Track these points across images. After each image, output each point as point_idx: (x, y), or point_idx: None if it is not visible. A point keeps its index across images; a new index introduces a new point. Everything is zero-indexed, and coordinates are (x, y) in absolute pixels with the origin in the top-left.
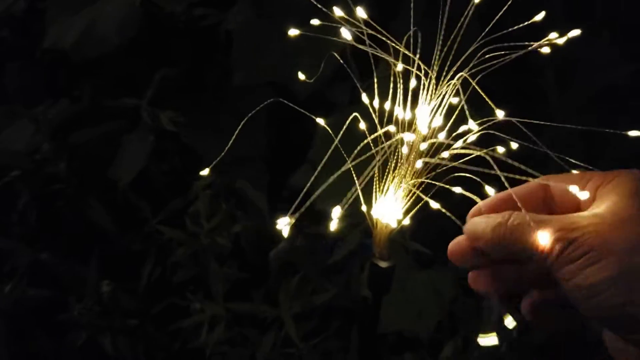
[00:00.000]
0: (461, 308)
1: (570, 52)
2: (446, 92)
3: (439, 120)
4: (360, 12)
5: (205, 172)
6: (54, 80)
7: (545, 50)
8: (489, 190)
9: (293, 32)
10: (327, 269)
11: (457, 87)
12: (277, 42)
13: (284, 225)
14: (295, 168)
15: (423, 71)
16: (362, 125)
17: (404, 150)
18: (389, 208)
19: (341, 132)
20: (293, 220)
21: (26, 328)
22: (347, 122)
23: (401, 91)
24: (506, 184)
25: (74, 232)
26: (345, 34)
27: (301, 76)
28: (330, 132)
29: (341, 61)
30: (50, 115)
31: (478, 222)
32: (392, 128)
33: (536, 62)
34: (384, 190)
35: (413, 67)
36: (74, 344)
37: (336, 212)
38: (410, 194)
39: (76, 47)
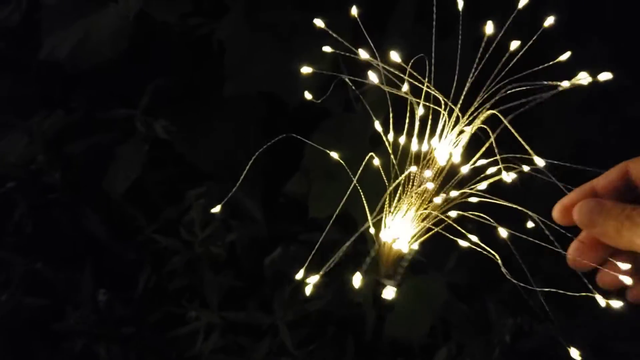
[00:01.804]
0: (454, 314)
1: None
2: (467, 127)
3: (458, 153)
4: (395, 57)
5: (217, 209)
6: (48, 91)
7: (565, 84)
8: (502, 232)
9: (306, 70)
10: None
11: (479, 124)
12: (269, 51)
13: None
14: (290, 176)
15: (444, 105)
16: (377, 162)
17: (432, 185)
18: (399, 232)
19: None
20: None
21: (22, 337)
22: (364, 162)
23: (418, 126)
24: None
25: (69, 241)
26: (373, 77)
27: (308, 96)
28: (323, 142)
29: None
30: (45, 126)
31: (597, 210)
32: (413, 169)
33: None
34: (394, 214)
35: (433, 101)
36: (70, 353)
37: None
38: (425, 223)
39: (71, 58)
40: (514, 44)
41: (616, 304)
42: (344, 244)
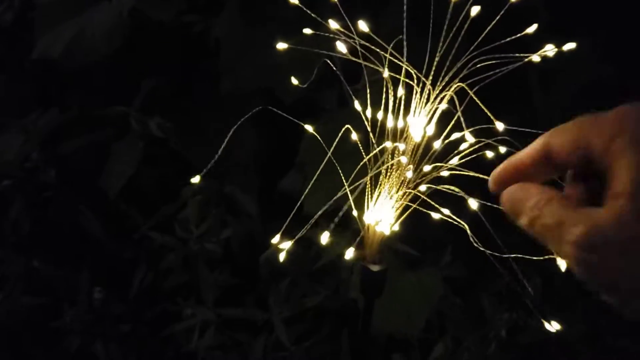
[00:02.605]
0: (450, 307)
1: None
2: (439, 101)
3: (431, 129)
4: (363, 26)
5: (196, 179)
6: (43, 89)
7: (536, 59)
8: (472, 203)
9: (281, 45)
10: (316, 272)
11: (451, 96)
12: (264, 48)
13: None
14: (285, 172)
15: (416, 80)
16: (354, 136)
17: (405, 159)
18: (381, 214)
19: (335, 142)
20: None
21: (19, 335)
22: (340, 133)
23: (393, 99)
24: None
25: (65, 239)
26: (341, 47)
27: (294, 81)
28: (318, 137)
29: (331, 64)
30: (40, 124)
31: (518, 199)
32: (388, 144)
33: (519, 65)
34: (376, 197)
35: (405, 76)
36: (67, 351)
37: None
38: (403, 201)
39: (65, 56)
40: (475, 10)
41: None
42: (340, 239)
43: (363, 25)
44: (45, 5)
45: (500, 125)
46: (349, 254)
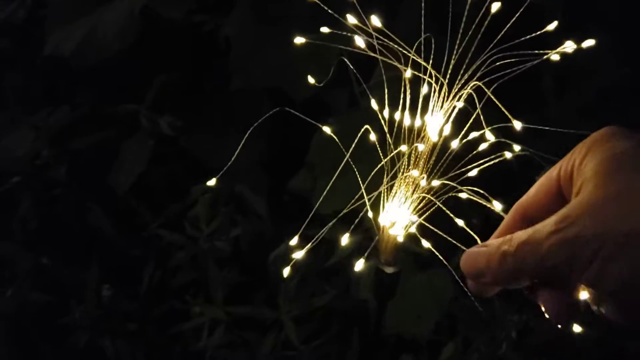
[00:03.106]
0: (460, 309)
1: (567, 55)
2: (457, 99)
3: (448, 128)
4: (375, 21)
5: (212, 182)
6: (54, 87)
7: (555, 57)
8: (497, 205)
9: (299, 40)
10: (326, 272)
11: (468, 95)
12: (275, 47)
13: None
14: (295, 172)
15: (434, 78)
16: (373, 137)
17: (415, 163)
18: (397, 216)
19: (354, 143)
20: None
21: (28, 331)
22: (360, 133)
23: (409, 98)
24: None
25: (74, 236)
26: (359, 42)
27: (311, 80)
28: (335, 138)
29: (347, 61)
30: (51, 121)
31: (476, 255)
32: (404, 148)
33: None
34: (392, 198)
35: (424, 74)
36: (75, 348)
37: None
38: (419, 204)
39: (76, 54)
40: (495, 6)
41: None
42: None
43: (376, 21)
44: (57, 3)
45: (518, 124)
46: (359, 265)
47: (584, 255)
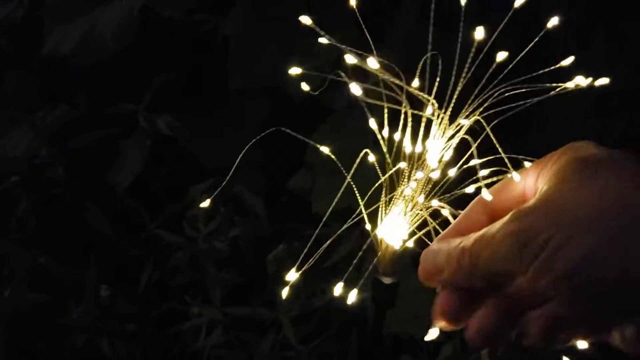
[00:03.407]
0: None
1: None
2: (458, 131)
3: (448, 155)
4: (373, 63)
5: (206, 203)
6: (52, 86)
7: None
8: None
9: (304, 19)
10: (324, 272)
11: (471, 127)
12: (273, 46)
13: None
14: (293, 173)
15: (436, 109)
16: (372, 158)
17: (412, 185)
18: (394, 228)
19: (353, 168)
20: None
21: (25, 331)
22: (358, 159)
23: (409, 121)
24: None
25: (72, 236)
26: (355, 89)
27: (305, 87)
28: (333, 158)
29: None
30: (49, 121)
31: (437, 252)
32: (403, 164)
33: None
34: (390, 209)
35: (424, 107)
36: (73, 348)
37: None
38: (415, 219)
39: (74, 53)
40: (501, 56)
41: None
42: (348, 240)
43: (373, 63)
44: (56, 2)
45: (514, 175)
46: (338, 290)
47: (535, 244)
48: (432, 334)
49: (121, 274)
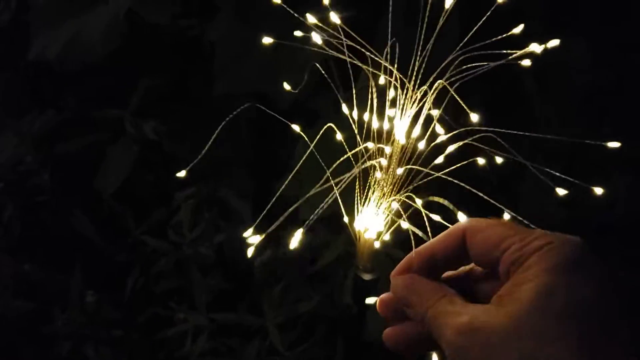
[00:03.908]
0: None
1: (550, 59)
2: (424, 101)
3: (417, 130)
4: (334, 18)
5: (182, 173)
6: (38, 91)
7: (526, 62)
8: (461, 216)
9: (267, 40)
10: (310, 278)
11: (434, 96)
12: (259, 52)
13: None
14: (280, 178)
15: (399, 81)
16: (339, 136)
17: (383, 162)
18: (371, 221)
19: (317, 137)
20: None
21: (10, 339)
22: (321, 132)
23: (378, 101)
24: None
25: (58, 242)
26: (316, 38)
27: (286, 86)
28: (305, 138)
29: (323, 72)
30: (35, 126)
31: (412, 292)
32: (370, 145)
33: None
34: (366, 203)
35: (391, 77)
36: (59, 354)
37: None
38: (390, 210)
39: (61, 58)
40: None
41: None
42: (334, 244)
43: (335, 18)
44: (41, 7)
45: (474, 117)
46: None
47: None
48: None
49: (107, 280)
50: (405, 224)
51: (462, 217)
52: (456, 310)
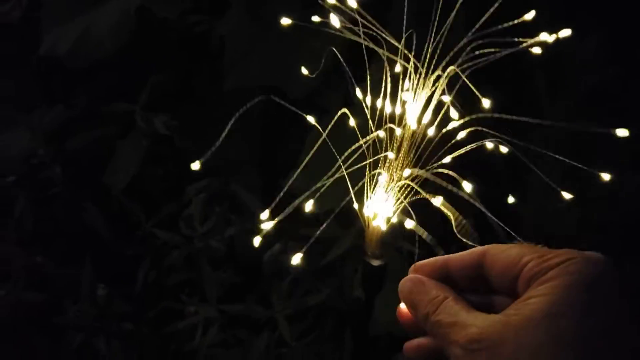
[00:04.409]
0: None
1: (560, 52)
2: (436, 87)
3: (428, 116)
4: (352, 2)
5: (196, 165)
6: (49, 87)
7: (537, 50)
8: (466, 186)
9: (285, 20)
10: (320, 271)
11: (445, 82)
12: (269, 46)
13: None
14: (290, 171)
15: (413, 66)
16: (352, 122)
17: (392, 155)
18: (380, 207)
19: (330, 125)
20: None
21: (22, 331)
22: (336, 117)
23: (391, 87)
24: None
25: (69, 235)
26: (334, 20)
27: (304, 71)
28: (321, 131)
29: (339, 56)
30: (46, 121)
31: (417, 292)
32: (381, 133)
33: (527, 63)
34: (375, 190)
35: (406, 63)
36: (69, 347)
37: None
38: (401, 193)
39: (71, 53)
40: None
41: None
42: (344, 238)
43: (352, 1)
44: (53, 3)
45: (486, 102)
46: (296, 260)
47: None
48: None
49: (118, 273)
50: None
51: (467, 186)
52: (461, 321)
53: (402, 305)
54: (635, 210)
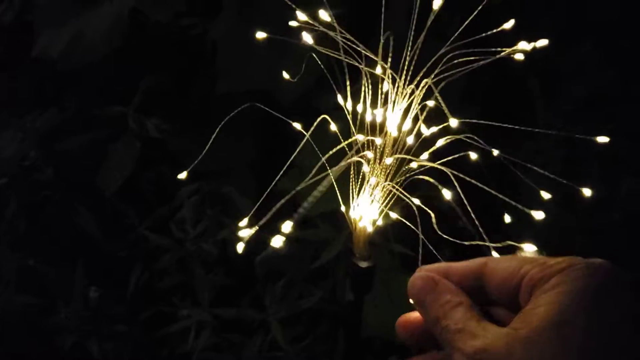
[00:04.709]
0: None
1: (553, 59)
2: (414, 96)
3: (408, 124)
4: (325, 16)
5: (182, 175)
6: (41, 89)
7: (519, 57)
8: (446, 193)
9: (260, 35)
10: (313, 274)
11: (422, 93)
12: (261, 50)
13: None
14: (282, 174)
15: (390, 77)
16: (333, 127)
17: (371, 154)
18: (366, 209)
19: (312, 127)
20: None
21: (13, 333)
22: (315, 123)
23: (370, 96)
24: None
25: (61, 238)
26: (307, 37)
27: (285, 76)
28: (304, 133)
29: (322, 67)
30: (38, 123)
31: (430, 291)
32: (360, 137)
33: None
34: (360, 193)
35: (384, 74)
36: (61, 349)
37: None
38: (385, 196)
39: (64, 56)
40: (437, 3)
41: None
42: (336, 241)
43: (325, 15)
44: (45, 5)
45: (454, 122)
46: (276, 242)
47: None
48: None
49: (110, 276)
50: (394, 214)
51: (446, 193)
52: (470, 330)
53: (403, 319)
54: (635, 213)
